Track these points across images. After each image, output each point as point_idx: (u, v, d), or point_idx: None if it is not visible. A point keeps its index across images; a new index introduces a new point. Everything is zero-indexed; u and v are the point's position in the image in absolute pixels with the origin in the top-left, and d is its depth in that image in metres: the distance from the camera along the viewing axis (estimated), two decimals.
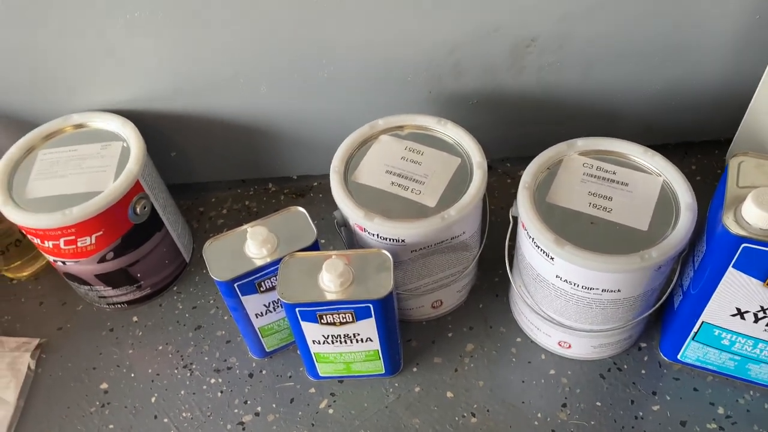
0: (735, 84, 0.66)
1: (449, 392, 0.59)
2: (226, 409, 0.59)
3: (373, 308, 0.51)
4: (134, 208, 0.60)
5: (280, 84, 0.64)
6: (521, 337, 0.62)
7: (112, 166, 0.60)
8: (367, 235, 0.55)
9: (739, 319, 0.50)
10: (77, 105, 0.65)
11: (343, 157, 0.58)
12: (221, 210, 0.76)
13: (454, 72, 0.64)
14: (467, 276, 0.62)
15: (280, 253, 0.53)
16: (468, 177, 0.56)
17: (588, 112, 0.69)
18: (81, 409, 0.60)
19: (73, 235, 0.58)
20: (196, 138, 0.70)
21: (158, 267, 0.66)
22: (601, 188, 0.53)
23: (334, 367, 0.58)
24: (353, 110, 0.67)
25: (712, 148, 0.75)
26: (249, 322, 0.57)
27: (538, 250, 0.51)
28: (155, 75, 0.64)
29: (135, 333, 0.66)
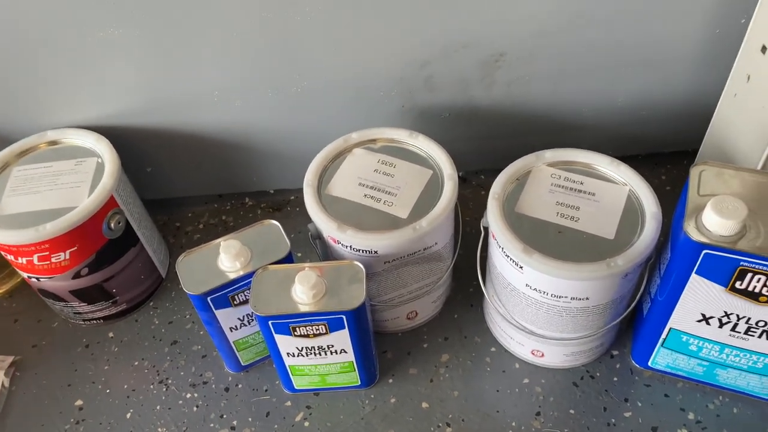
0: (700, 96, 0.67)
1: (425, 403, 0.59)
2: (202, 423, 0.59)
3: (346, 319, 0.51)
4: (109, 224, 0.60)
5: (255, 99, 0.65)
6: (495, 346, 0.62)
7: (86, 182, 0.60)
8: (340, 247, 0.55)
9: (704, 324, 0.51)
10: (52, 121, 0.65)
11: (316, 171, 0.58)
12: (198, 225, 0.76)
13: (426, 87, 0.66)
14: (441, 287, 0.63)
15: (253, 266, 0.53)
16: (439, 189, 0.57)
17: (558, 125, 0.71)
18: (55, 426, 0.60)
19: (47, 251, 0.58)
20: (171, 153, 0.71)
21: (134, 282, 0.66)
22: (569, 198, 0.54)
23: (310, 379, 0.58)
24: (327, 124, 0.67)
25: (681, 158, 0.77)
26: (224, 336, 0.58)
27: (507, 260, 0.52)
28: (130, 91, 0.64)
29: (111, 349, 0.65)
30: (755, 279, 0.46)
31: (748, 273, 0.45)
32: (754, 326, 0.49)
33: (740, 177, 0.49)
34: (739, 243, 0.45)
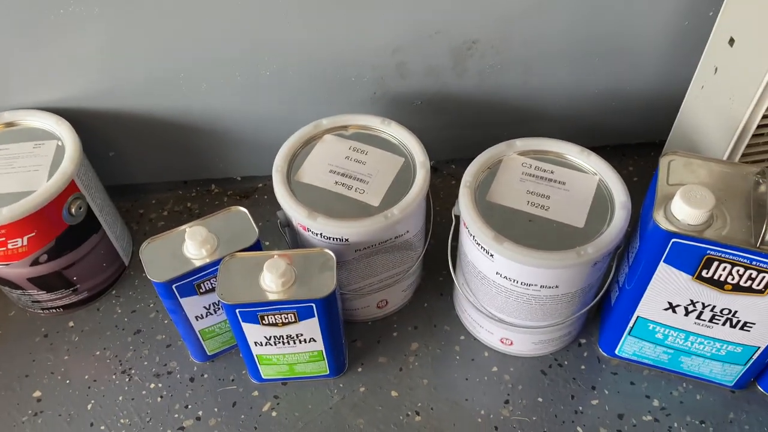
0: (668, 88, 0.68)
1: (394, 391, 0.59)
2: (166, 414, 0.58)
3: (316, 308, 0.50)
4: (69, 209, 0.58)
5: (222, 82, 0.64)
6: (465, 335, 0.62)
7: (45, 166, 0.58)
8: (310, 234, 0.54)
9: (671, 312, 0.52)
10: (9, 102, 0.63)
11: (286, 156, 0.57)
12: (162, 212, 0.74)
13: (398, 73, 0.65)
14: (412, 275, 0.62)
15: (220, 254, 0.52)
16: (411, 176, 0.56)
17: (529, 114, 0.71)
18: (12, 418, 0.58)
19: (4, 236, 0.55)
20: (135, 137, 0.68)
21: (95, 270, 0.64)
22: (539, 187, 0.54)
23: (278, 369, 0.57)
24: (297, 110, 0.66)
25: (649, 150, 0.78)
26: (189, 325, 0.56)
27: (478, 248, 0.52)
28: (91, 72, 0.62)
29: (71, 338, 0.63)
30: (721, 267, 0.46)
31: (715, 261, 0.46)
32: (718, 314, 0.50)
33: (708, 167, 0.49)
34: (706, 232, 0.45)
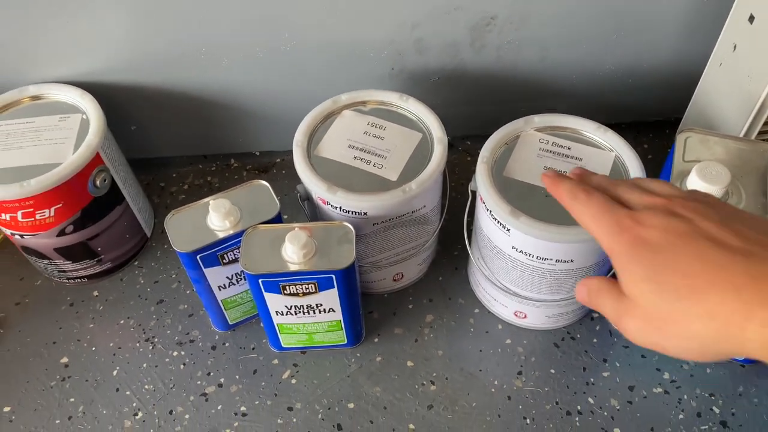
0: (685, 65, 0.68)
1: (409, 361, 0.60)
2: (188, 380, 0.60)
3: (336, 279, 0.52)
4: (94, 181, 0.59)
5: (242, 57, 0.64)
6: (479, 308, 0.64)
7: (71, 138, 0.59)
8: (329, 208, 0.55)
9: None
10: (34, 76, 0.64)
11: (306, 131, 0.58)
12: (182, 185, 0.75)
13: (417, 49, 0.65)
14: (428, 250, 0.64)
15: (242, 226, 0.53)
16: (429, 152, 0.57)
17: (546, 91, 0.71)
18: (41, 383, 0.60)
19: (32, 207, 0.57)
20: (156, 111, 0.70)
21: (119, 241, 0.66)
22: (556, 163, 0.55)
23: (297, 338, 0.59)
24: (316, 85, 0.67)
25: (664, 128, 0.78)
26: (212, 295, 0.58)
27: (494, 222, 0.53)
28: (114, 46, 0.63)
29: (96, 307, 0.65)
30: None
31: None
32: None
33: (724, 144, 0.50)
34: None
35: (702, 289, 0.29)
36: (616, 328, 0.33)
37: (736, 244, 0.29)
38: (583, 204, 0.36)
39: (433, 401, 0.58)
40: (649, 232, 0.31)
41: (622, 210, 0.33)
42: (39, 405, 0.58)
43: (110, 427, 0.57)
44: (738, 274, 0.28)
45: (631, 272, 0.31)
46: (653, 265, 0.30)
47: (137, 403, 0.58)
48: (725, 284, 0.28)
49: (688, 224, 0.31)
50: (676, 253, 0.30)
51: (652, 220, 0.32)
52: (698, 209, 0.32)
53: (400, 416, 0.57)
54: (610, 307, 0.33)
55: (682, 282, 0.29)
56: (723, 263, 0.29)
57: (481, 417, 0.57)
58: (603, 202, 0.35)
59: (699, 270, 0.29)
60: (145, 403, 0.58)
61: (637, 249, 0.31)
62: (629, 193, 0.35)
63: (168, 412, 0.58)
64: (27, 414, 0.58)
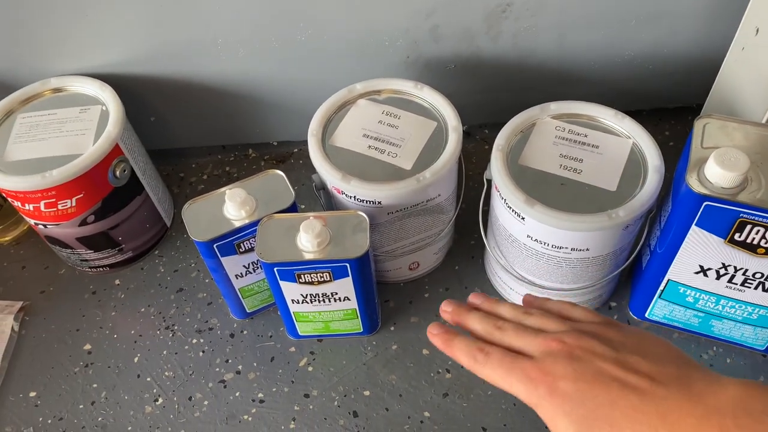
0: (707, 50, 0.67)
1: (425, 350, 0.61)
2: (207, 368, 0.61)
3: (350, 267, 0.52)
4: (114, 171, 0.60)
5: (259, 48, 0.65)
6: (495, 297, 0.63)
7: (91, 130, 0.60)
8: (344, 197, 0.56)
9: (702, 276, 0.52)
10: (55, 69, 0.65)
11: (321, 121, 0.58)
12: (201, 176, 0.76)
13: (432, 37, 0.65)
14: (443, 238, 0.64)
15: (258, 215, 0.54)
16: (444, 140, 0.57)
17: (563, 78, 0.70)
18: (65, 369, 0.61)
19: (54, 197, 0.58)
20: (175, 103, 0.70)
21: (139, 231, 0.67)
22: (573, 150, 0.54)
23: (314, 326, 0.60)
24: (332, 74, 0.67)
25: (686, 114, 0.77)
26: (229, 283, 0.59)
27: (509, 211, 0.52)
28: (133, 39, 0.64)
29: (117, 295, 0.67)
30: (754, 231, 0.46)
31: (748, 225, 0.46)
32: (751, 278, 0.50)
33: (744, 130, 0.49)
34: (740, 195, 0.45)
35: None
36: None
37: (636, 383, 0.33)
38: (483, 365, 0.37)
39: (449, 389, 0.58)
40: (560, 384, 0.34)
41: (525, 362, 0.35)
42: (63, 390, 0.60)
43: (131, 413, 0.58)
44: (650, 414, 0.32)
45: (559, 424, 0.33)
46: (580, 421, 0.33)
47: (157, 389, 0.60)
48: (644, 427, 0.32)
49: (589, 365, 0.34)
50: (592, 402, 0.33)
51: (558, 370, 0.34)
52: (588, 346, 0.35)
53: (416, 404, 0.57)
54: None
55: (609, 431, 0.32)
56: (634, 405, 0.32)
57: (497, 405, 0.57)
58: (503, 359, 0.36)
59: (619, 417, 0.32)
60: (165, 389, 0.59)
61: (555, 401, 0.34)
62: (518, 338, 0.37)
63: (187, 398, 0.59)
64: (52, 399, 0.60)
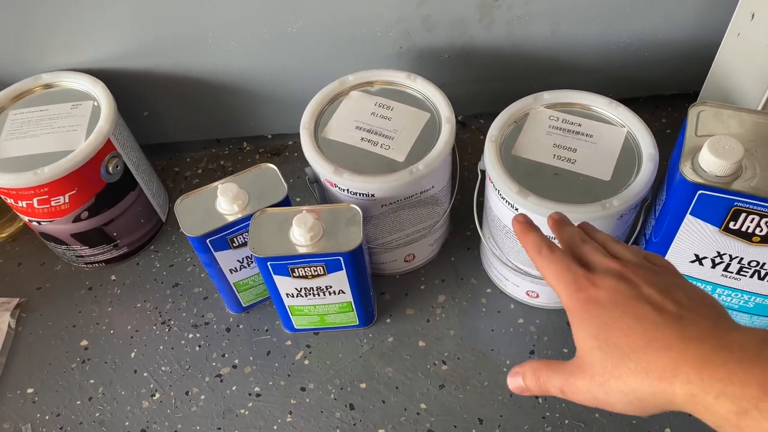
0: (703, 36, 0.66)
1: (421, 342, 0.60)
2: (204, 362, 0.61)
3: (344, 261, 0.52)
4: (107, 167, 0.60)
5: (250, 40, 0.64)
6: (491, 287, 0.63)
7: (83, 126, 0.60)
8: (337, 190, 0.55)
9: (697, 265, 0.52)
10: (46, 65, 0.65)
11: (312, 114, 0.58)
12: (196, 170, 0.76)
13: (424, 26, 0.64)
14: (439, 230, 0.63)
15: (251, 209, 0.54)
16: (437, 132, 0.56)
17: (558, 66, 0.70)
18: (62, 365, 0.62)
19: (46, 194, 0.58)
20: (167, 97, 0.70)
21: (134, 226, 0.67)
22: (566, 140, 0.54)
23: (309, 319, 0.59)
24: (325, 66, 0.67)
25: (683, 101, 0.76)
26: (224, 278, 0.59)
27: (503, 202, 0.52)
28: (124, 33, 0.63)
29: (113, 291, 0.67)
30: (749, 219, 0.46)
31: (742, 213, 0.46)
32: (746, 266, 0.50)
33: (739, 117, 0.48)
34: (734, 183, 0.45)
35: (640, 347, 0.32)
36: (563, 395, 0.36)
37: (671, 309, 0.33)
38: (546, 259, 0.38)
39: (445, 381, 0.58)
40: (600, 293, 0.35)
41: (580, 270, 0.37)
42: (60, 386, 0.60)
43: (129, 408, 0.58)
44: (670, 335, 0.32)
45: (582, 329, 0.35)
46: (600, 324, 0.34)
47: (154, 384, 0.60)
48: (659, 343, 0.32)
49: (635, 289, 0.35)
50: (620, 312, 0.34)
51: (605, 282, 0.35)
52: (647, 277, 0.35)
53: (412, 396, 0.57)
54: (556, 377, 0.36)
55: (624, 340, 0.33)
56: (658, 325, 0.33)
57: (493, 396, 0.57)
58: (563, 260, 0.38)
59: (639, 329, 0.33)
60: (162, 384, 0.60)
61: (588, 306, 0.35)
62: (592, 254, 0.39)
63: (184, 392, 0.59)
64: (49, 395, 0.60)
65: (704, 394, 0.30)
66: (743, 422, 0.29)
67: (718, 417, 0.30)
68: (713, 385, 0.30)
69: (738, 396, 0.29)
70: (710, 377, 0.30)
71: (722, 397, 0.29)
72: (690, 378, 0.30)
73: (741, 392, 0.29)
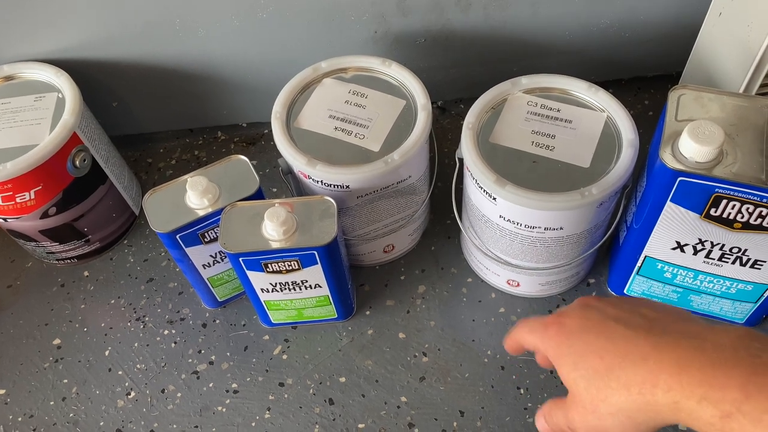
0: (684, 16, 0.65)
1: (401, 333, 0.59)
2: (180, 359, 0.59)
3: (318, 255, 0.51)
4: (73, 161, 0.58)
5: (218, 26, 0.62)
6: (472, 277, 0.62)
7: (47, 119, 0.58)
8: (311, 182, 0.54)
9: (679, 252, 0.51)
10: (7, 55, 0.62)
11: (284, 103, 0.56)
12: (170, 161, 0.74)
13: (400, 10, 0.62)
14: (418, 219, 0.62)
15: (222, 203, 0.52)
16: (413, 119, 0.55)
17: (538, 49, 0.68)
18: (34, 365, 0.60)
19: (10, 190, 0.56)
20: (136, 87, 0.68)
21: (106, 221, 0.65)
22: (545, 126, 0.52)
23: (286, 313, 0.58)
24: (297, 53, 0.65)
25: (665, 82, 0.75)
26: (197, 273, 0.57)
27: (481, 191, 0.51)
28: (88, 21, 0.61)
29: (86, 288, 0.65)
30: (730, 206, 0.45)
31: (723, 200, 0.45)
32: (728, 253, 0.49)
33: (720, 101, 0.47)
34: (715, 170, 0.44)
35: (616, 364, 0.32)
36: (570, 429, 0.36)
37: (639, 322, 0.33)
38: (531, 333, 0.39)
39: (426, 373, 0.57)
40: (567, 322, 0.36)
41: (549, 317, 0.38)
42: (33, 387, 0.59)
43: (103, 407, 0.57)
44: (643, 346, 0.32)
45: (563, 365, 0.35)
46: (577, 352, 0.34)
47: (129, 382, 0.58)
48: (634, 356, 0.32)
49: (600, 312, 0.35)
50: (593, 336, 0.34)
51: (570, 313, 0.37)
52: (610, 301, 0.36)
53: (392, 389, 0.56)
54: (560, 414, 0.36)
55: (600, 363, 0.33)
56: (630, 339, 0.33)
57: (474, 388, 0.56)
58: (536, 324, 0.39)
59: (611, 348, 0.33)
60: (137, 383, 0.58)
61: (561, 339, 0.35)
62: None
63: (160, 390, 0.58)
64: (21, 396, 0.58)
65: (686, 400, 0.30)
66: (727, 426, 0.28)
67: (703, 422, 0.29)
68: (693, 390, 0.29)
69: (720, 400, 0.29)
70: (689, 382, 0.30)
71: (704, 402, 0.29)
72: (670, 385, 0.30)
73: (722, 396, 0.29)
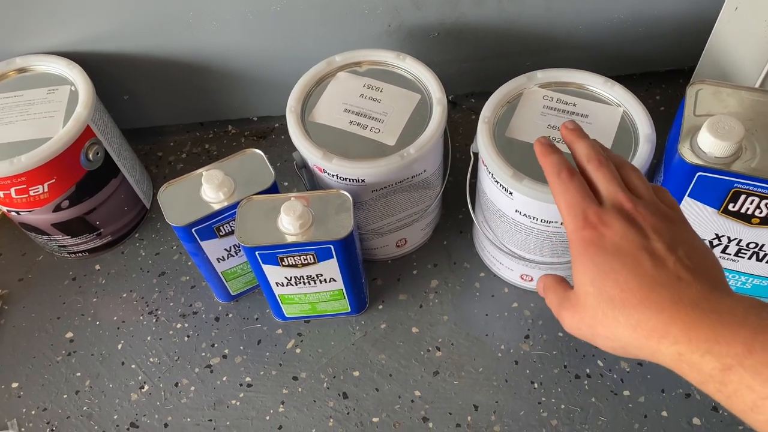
0: (698, 10, 0.65)
1: (414, 328, 0.59)
2: (193, 353, 0.59)
3: (334, 249, 0.51)
4: (86, 154, 0.58)
5: (232, 20, 0.62)
6: (485, 272, 0.62)
7: (60, 112, 0.58)
8: (326, 176, 0.54)
9: None
10: (20, 48, 0.62)
11: (299, 96, 0.56)
12: (180, 154, 0.74)
13: (414, 3, 0.62)
14: (431, 214, 0.62)
15: (237, 197, 0.52)
16: (428, 114, 0.55)
17: (551, 43, 0.68)
18: (47, 358, 0.60)
19: (24, 183, 0.56)
20: (148, 80, 0.68)
21: (117, 214, 0.65)
22: (561, 121, 0.52)
23: (300, 307, 0.58)
24: (311, 46, 0.65)
25: (677, 77, 0.75)
26: (211, 267, 0.57)
27: (497, 185, 0.51)
28: (100, 14, 0.60)
29: (98, 281, 0.65)
30: (749, 201, 0.45)
31: (742, 195, 0.45)
32: (744, 248, 0.49)
33: (738, 96, 0.47)
34: (734, 164, 0.44)
35: (632, 304, 0.33)
36: (556, 316, 0.38)
37: (671, 267, 0.33)
38: (563, 184, 0.38)
39: (439, 367, 0.57)
40: (607, 234, 0.35)
41: (592, 205, 0.36)
42: (46, 380, 0.59)
43: (117, 401, 0.57)
44: (664, 297, 0.32)
45: (581, 271, 0.35)
46: (599, 271, 0.34)
47: (143, 376, 0.58)
48: (651, 304, 0.32)
49: (641, 238, 0.34)
50: (620, 264, 0.34)
51: (614, 224, 0.35)
52: (656, 225, 0.35)
53: (406, 383, 0.56)
54: (554, 301, 0.38)
55: (619, 294, 0.33)
56: (654, 285, 0.33)
57: (488, 382, 0.56)
58: (579, 190, 0.37)
59: (634, 286, 0.33)
60: (150, 376, 0.58)
61: (590, 249, 0.35)
62: (606, 183, 0.38)
63: (173, 384, 0.58)
64: (35, 389, 0.58)
65: (690, 353, 0.31)
66: (727, 378, 0.29)
67: (703, 374, 0.30)
68: (699, 345, 0.30)
69: (723, 354, 0.30)
70: (697, 338, 0.31)
71: (708, 355, 0.30)
72: (678, 339, 0.31)
73: (726, 350, 0.30)
